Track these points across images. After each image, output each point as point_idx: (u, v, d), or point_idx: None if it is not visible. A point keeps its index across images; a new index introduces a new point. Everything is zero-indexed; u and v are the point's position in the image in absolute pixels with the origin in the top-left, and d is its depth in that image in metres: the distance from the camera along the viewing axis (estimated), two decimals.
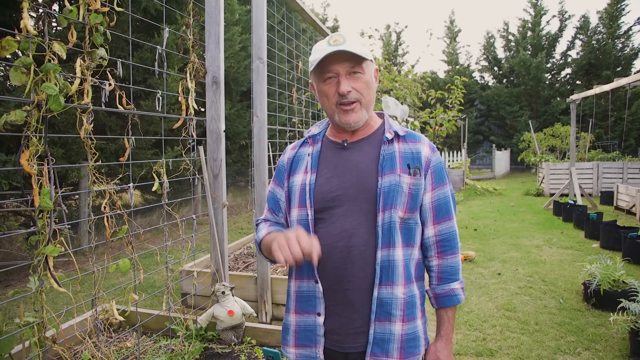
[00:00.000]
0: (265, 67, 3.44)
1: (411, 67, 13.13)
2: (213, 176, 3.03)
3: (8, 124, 1.71)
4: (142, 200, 9.18)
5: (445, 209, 1.37)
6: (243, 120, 9.91)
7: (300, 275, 1.39)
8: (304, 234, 1.18)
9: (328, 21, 23.52)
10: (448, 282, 1.38)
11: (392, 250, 1.29)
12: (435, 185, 1.36)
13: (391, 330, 1.30)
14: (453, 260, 1.39)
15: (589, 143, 15.16)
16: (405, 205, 1.31)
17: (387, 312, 1.30)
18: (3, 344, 1.86)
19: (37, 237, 1.83)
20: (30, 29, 1.71)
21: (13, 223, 6.08)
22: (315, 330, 1.35)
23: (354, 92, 1.31)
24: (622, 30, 22.28)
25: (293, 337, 1.40)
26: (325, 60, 1.29)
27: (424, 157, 1.36)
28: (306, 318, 1.37)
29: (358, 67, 1.30)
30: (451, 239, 1.38)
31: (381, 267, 1.29)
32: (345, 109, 1.32)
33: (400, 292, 1.30)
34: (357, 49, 1.27)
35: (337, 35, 1.30)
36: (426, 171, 1.35)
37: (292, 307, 1.42)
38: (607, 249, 6.14)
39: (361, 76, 1.31)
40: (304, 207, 1.36)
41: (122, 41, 6.03)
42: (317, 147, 1.43)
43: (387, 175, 1.31)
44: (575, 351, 3.25)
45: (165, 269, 2.78)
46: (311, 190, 1.35)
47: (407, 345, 1.32)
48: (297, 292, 1.40)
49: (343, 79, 1.30)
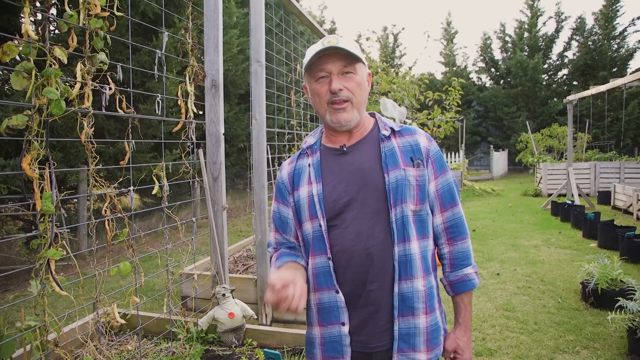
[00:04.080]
0: (263, 70, 3.46)
1: (409, 69, 13.19)
2: (212, 179, 3.04)
3: (9, 128, 1.72)
4: (142, 203, 9.18)
5: (449, 195, 1.38)
6: (241, 123, 9.91)
7: (319, 287, 1.36)
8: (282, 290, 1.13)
9: (325, 24, 23.57)
10: (461, 267, 1.39)
11: (408, 244, 1.30)
12: (437, 173, 1.38)
13: (416, 324, 1.30)
14: (463, 246, 1.39)
15: (586, 143, 15.21)
16: (415, 197, 1.32)
17: (409, 306, 1.30)
18: (5, 347, 1.86)
19: (38, 240, 1.84)
20: (31, 34, 1.72)
21: (12, 227, 6.07)
22: (341, 340, 1.33)
23: (345, 90, 1.31)
24: (617, 31, 22.38)
25: (320, 349, 1.37)
26: (318, 59, 1.31)
27: (423, 147, 1.37)
28: (331, 329, 1.35)
29: (350, 66, 1.32)
30: (459, 225, 1.39)
31: (399, 262, 1.29)
32: (336, 108, 1.32)
33: (420, 284, 1.30)
34: (350, 48, 1.29)
35: (331, 37, 1.32)
36: (427, 161, 1.36)
37: (314, 320, 1.39)
38: (605, 249, 6.16)
39: (353, 76, 1.33)
40: (316, 218, 1.34)
41: (121, 45, 6.04)
42: (317, 157, 1.42)
43: (392, 171, 1.32)
44: (574, 350, 3.26)
45: (166, 272, 2.79)
46: (320, 200, 1.34)
47: (432, 337, 1.33)
48: (318, 305, 1.37)
49: (335, 78, 1.31)
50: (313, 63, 1.33)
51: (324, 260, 1.33)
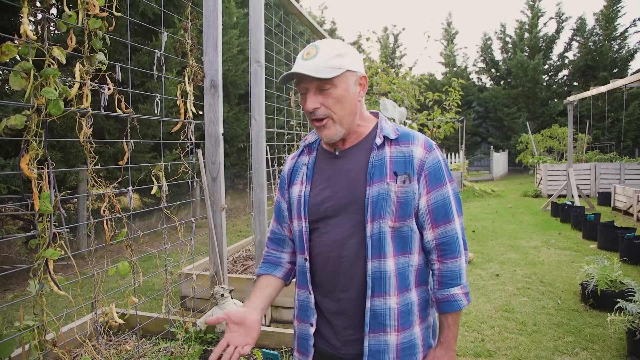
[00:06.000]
0: (263, 70, 3.46)
1: (409, 69, 13.16)
2: (212, 179, 3.05)
3: (8, 128, 1.72)
4: (141, 203, 9.18)
5: (443, 211, 1.29)
6: (241, 123, 9.91)
7: (299, 285, 1.41)
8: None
9: (326, 24, 23.57)
10: (448, 287, 1.31)
11: (383, 261, 1.26)
12: (430, 188, 1.29)
13: (386, 341, 1.28)
14: (454, 265, 1.31)
15: (587, 144, 15.21)
16: (394, 214, 1.25)
17: (381, 323, 1.27)
18: (3, 347, 1.86)
19: (37, 240, 1.84)
20: (30, 34, 1.72)
21: (11, 227, 6.08)
22: (308, 339, 1.37)
23: (322, 108, 1.25)
24: (618, 32, 22.38)
25: (296, 342, 1.44)
26: (296, 75, 1.26)
27: (417, 159, 1.28)
28: (303, 327, 1.39)
29: (327, 82, 1.23)
30: (452, 242, 1.31)
31: (372, 278, 1.26)
32: (317, 125, 1.29)
33: (393, 302, 1.27)
34: (326, 65, 1.21)
35: (311, 47, 1.26)
36: (419, 175, 1.28)
37: (295, 314, 1.44)
38: (605, 250, 6.16)
39: (332, 91, 1.24)
40: (300, 218, 1.36)
41: (120, 45, 6.04)
42: (312, 157, 1.42)
43: (375, 184, 1.26)
44: (573, 351, 3.26)
45: (165, 272, 2.79)
46: (306, 202, 1.35)
47: (403, 354, 1.29)
48: (298, 301, 1.42)
49: (311, 96, 1.26)
50: (292, 78, 1.28)
51: (302, 260, 1.37)
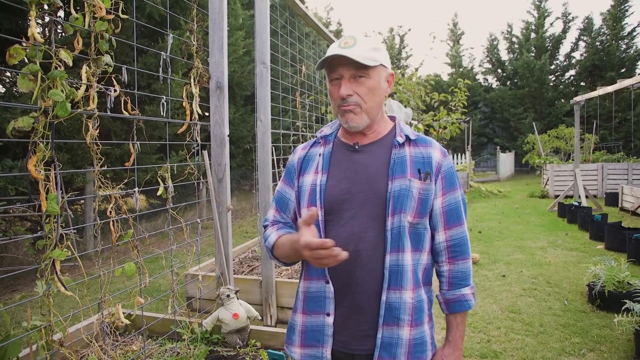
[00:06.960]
0: (268, 72, 3.47)
1: (415, 70, 13.14)
2: (217, 180, 3.06)
3: (16, 130, 1.74)
4: (147, 204, 9.23)
5: (456, 214, 1.37)
6: (247, 125, 9.94)
7: (309, 276, 1.39)
8: (313, 238, 1.14)
9: (331, 25, 23.57)
10: (459, 287, 1.38)
11: (402, 254, 1.29)
12: (445, 190, 1.36)
13: (399, 335, 1.30)
14: (464, 266, 1.38)
15: (594, 144, 15.09)
16: (414, 210, 1.30)
17: (395, 316, 1.30)
18: (11, 347, 1.88)
19: (44, 241, 1.85)
20: (37, 37, 1.74)
21: (19, 228, 6.12)
22: (324, 330, 1.35)
23: (355, 96, 1.30)
24: (625, 31, 22.17)
25: (299, 337, 1.40)
26: (332, 61, 1.31)
27: (435, 161, 1.35)
28: (314, 318, 1.37)
29: (363, 71, 1.29)
30: (462, 244, 1.38)
31: (390, 271, 1.29)
32: (345, 109, 1.32)
33: (408, 296, 1.30)
34: (364, 55, 1.27)
35: (349, 37, 1.31)
36: (437, 176, 1.34)
37: (299, 308, 1.42)
38: (612, 251, 6.11)
39: (365, 81, 1.30)
40: (314, 207, 1.35)
41: (127, 47, 6.08)
42: (329, 148, 1.43)
43: (397, 180, 1.31)
44: (580, 353, 3.24)
45: (171, 273, 2.80)
46: (322, 191, 1.35)
47: (415, 350, 1.32)
48: (305, 293, 1.40)
49: (345, 82, 1.30)
50: (328, 64, 1.33)
51: None
